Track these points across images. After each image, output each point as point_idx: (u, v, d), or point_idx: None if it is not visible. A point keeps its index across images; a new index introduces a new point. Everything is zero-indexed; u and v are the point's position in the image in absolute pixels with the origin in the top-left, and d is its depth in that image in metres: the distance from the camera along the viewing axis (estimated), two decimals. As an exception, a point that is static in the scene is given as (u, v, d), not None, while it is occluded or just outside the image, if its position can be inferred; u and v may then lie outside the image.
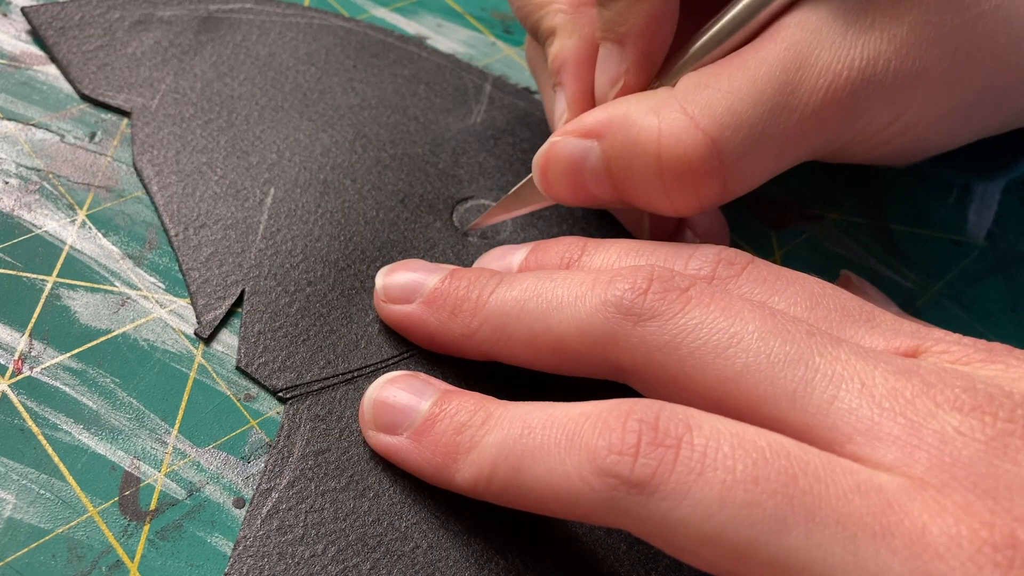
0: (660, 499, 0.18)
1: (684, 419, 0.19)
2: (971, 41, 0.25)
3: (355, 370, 0.26)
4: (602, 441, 0.19)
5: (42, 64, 0.33)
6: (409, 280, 0.26)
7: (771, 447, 0.19)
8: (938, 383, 0.19)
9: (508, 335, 0.24)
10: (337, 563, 0.22)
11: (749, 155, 0.24)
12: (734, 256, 0.24)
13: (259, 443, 0.25)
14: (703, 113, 0.24)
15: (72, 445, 0.24)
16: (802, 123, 0.24)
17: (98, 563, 0.22)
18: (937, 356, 0.21)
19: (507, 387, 0.25)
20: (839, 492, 0.18)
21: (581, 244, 0.26)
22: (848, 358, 0.20)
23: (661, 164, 0.24)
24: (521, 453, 0.21)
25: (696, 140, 0.24)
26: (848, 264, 0.33)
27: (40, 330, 0.26)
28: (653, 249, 0.25)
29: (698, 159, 0.24)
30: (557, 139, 0.27)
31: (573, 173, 0.26)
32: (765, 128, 0.24)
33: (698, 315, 0.21)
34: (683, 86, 0.25)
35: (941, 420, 0.19)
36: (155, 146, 0.31)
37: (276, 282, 0.28)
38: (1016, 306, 0.33)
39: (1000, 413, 0.18)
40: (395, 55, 0.36)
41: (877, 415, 0.19)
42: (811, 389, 0.20)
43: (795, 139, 0.25)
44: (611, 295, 0.22)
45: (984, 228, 0.35)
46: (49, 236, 0.28)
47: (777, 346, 0.20)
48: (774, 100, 0.24)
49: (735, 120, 0.24)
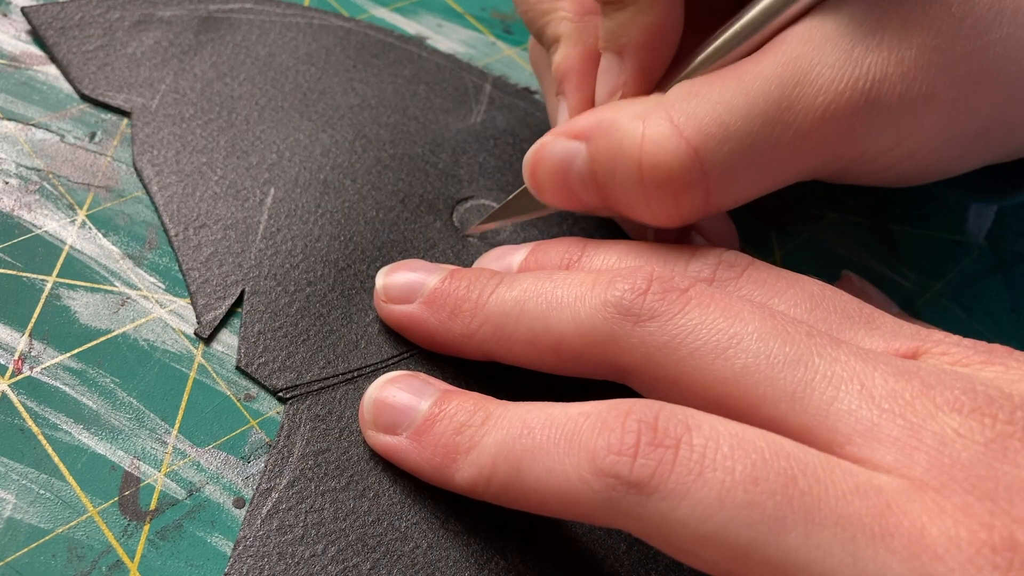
0: (659, 499, 0.18)
1: (683, 419, 0.19)
2: (980, 69, 0.24)
3: (355, 370, 0.26)
4: (601, 441, 0.19)
5: (42, 64, 0.33)
6: (409, 280, 0.26)
7: (770, 448, 0.19)
8: (937, 385, 0.19)
9: (508, 335, 0.24)
10: (337, 563, 0.22)
11: (736, 169, 0.23)
12: (734, 258, 0.24)
13: (259, 443, 0.25)
14: (688, 122, 0.23)
15: (72, 445, 0.24)
16: (796, 141, 0.23)
17: (98, 563, 0.22)
18: (937, 358, 0.21)
19: (507, 387, 0.25)
20: (838, 493, 0.18)
21: (581, 245, 0.26)
22: (848, 359, 0.20)
23: (642, 171, 0.24)
24: (520, 453, 0.21)
25: (678, 149, 0.23)
26: (848, 264, 0.33)
27: (40, 330, 0.26)
28: (653, 251, 0.25)
29: (679, 168, 0.23)
30: (548, 139, 0.26)
31: (561, 175, 0.26)
32: (755, 143, 0.23)
33: (698, 315, 0.21)
34: (673, 94, 0.24)
35: (940, 422, 0.19)
36: (155, 146, 0.31)
37: (276, 282, 0.28)
38: (1016, 306, 0.33)
39: (1000, 415, 0.18)
40: (395, 55, 0.36)
41: (876, 416, 0.19)
42: (810, 390, 0.20)
43: (788, 157, 0.24)
44: (611, 295, 0.22)
45: (984, 228, 0.35)
46: (49, 236, 0.28)
47: (777, 347, 0.20)
48: (767, 114, 0.23)
49: (722, 131, 0.23)
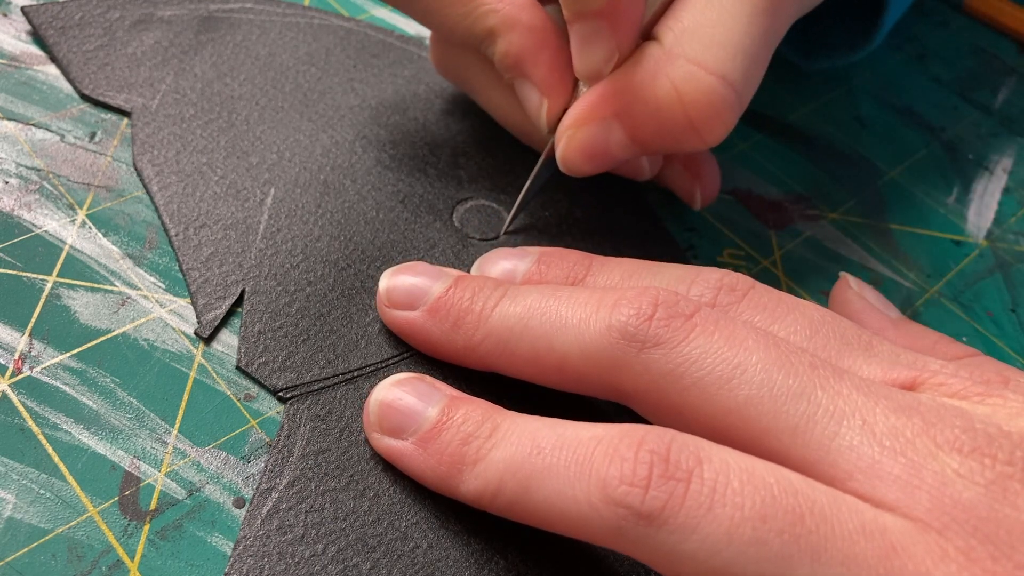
0: (669, 532, 0.19)
1: (695, 451, 0.19)
2: None
3: (355, 370, 0.26)
4: (613, 470, 0.19)
5: (42, 64, 0.33)
6: (413, 286, 0.26)
7: (779, 484, 0.19)
8: (938, 423, 0.19)
9: (511, 351, 0.24)
10: (337, 563, 0.22)
11: (751, 69, 0.27)
12: (735, 281, 0.24)
13: (259, 443, 0.25)
14: (707, 57, 0.26)
15: (72, 445, 0.24)
16: (778, 23, 0.27)
17: (98, 563, 0.22)
18: (935, 389, 0.21)
19: (511, 387, 0.25)
20: (845, 533, 0.18)
21: (587, 263, 0.26)
22: (850, 393, 0.20)
23: (689, 117, 0.26)
24: (530, 473, 0.21)
25: (712, 85, 0.26)
26: (848, 264, 0.33)
27: (40, 330, 0.26)
28: (656, 271, 0.25)
29: (720, 99, 0.26)
30: (571, 132, 0.28)
31: (599, 155, 0.28)
32: (754, 41, 0.26)
33: (702, 344, 0.21)
34: (671, 40, 0.26)
35: (941, 461, 0.19)
36: (155, 146, 0.31)
37: (276, 282, 0.28)
38: (1016, 306, 0.33)
39: (999, 455, 0.19)
40: (395, 55, 0.36)
41: (878, 453, 0.19)
42: (812, 424, 0.20)
43: (776, 31, 0.27)
44: (615, 320, 0.22)
45: (984, 228, 0.35)
46: (49, 236, 0.28)
47: (780, 379, 0.20)
48: (750, 16, 0.26)
49: (732, 51, 0.26)
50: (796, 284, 0.32)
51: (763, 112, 0.38)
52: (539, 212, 0.31)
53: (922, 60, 0.43)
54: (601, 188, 0.32)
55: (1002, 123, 0.40)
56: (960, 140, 0.39)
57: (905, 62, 0.43)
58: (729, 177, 0.35)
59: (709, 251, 0.32)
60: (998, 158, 0.38)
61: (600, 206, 0.32)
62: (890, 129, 0.39)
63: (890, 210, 0.35)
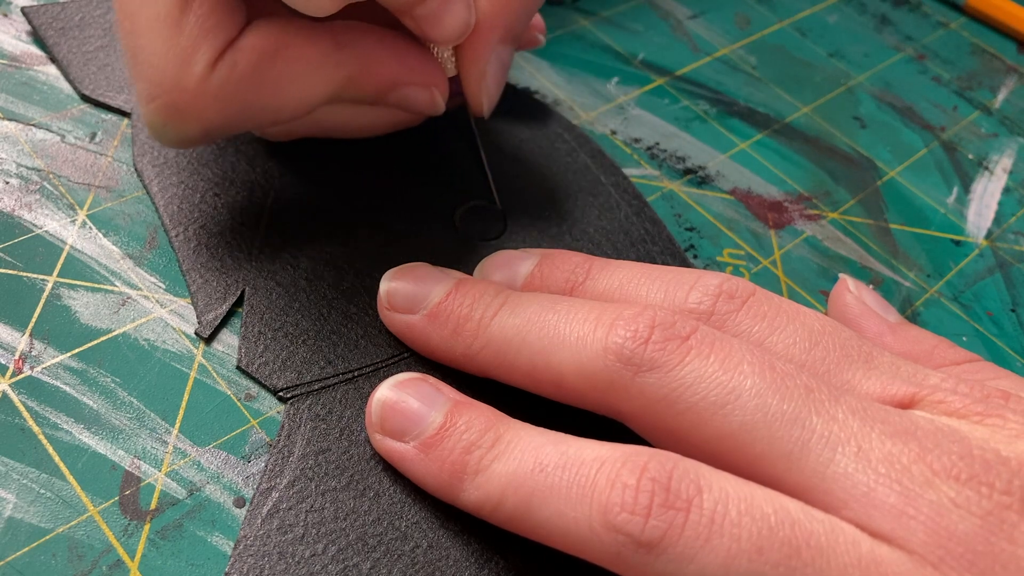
0: (667, 561, 0.19)
1: (695, 479, 0.19)
2: None
3: (355, 370, 0.26)
4: (615, 496, 0.20)
5: (42, 64, 0.33)
6: (414, 290, 0.26)
7: (777, 515, 0.19)
8: (935, 448, 0.19)
9: (509, 363, 0.24)
10: (337, 562, 0.22)
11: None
12: (735, 288, 0.24)
13: (259, 443, 0.25)
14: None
15: (72, 445, 0.24)
16: None
17: (98, 563, 0.22)
18: (933, 407, 0.21)
19: (513, 389, 0.25)
20: (840, 566, 0.18)
21: (587, 266, 0.26)
22: (846, 418, 0.20)
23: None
24: (531, 490, 0.21)
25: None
26: (848, 264, 0.33)
27: (40, 330, 0.26)
28: (657, 276, 0.25)
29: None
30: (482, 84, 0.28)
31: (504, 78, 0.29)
32: None
33: (697, 367, 0.21)
34: None
35: (937, 490, 0.19)
36: (155, 147, 0.31)
37: (276, 282, 0.28)
38: (1016, 306, 0.33)
39: (996, 483, 0.19)
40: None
41: (873, 481, 0.19)
42: (807, 451, 0.20)
43: None
44: (612, 342, 0.22)
45: (984, 228, 0.35)
46: (49, 236, 0.28)
47: (775, 404, 0.20)
48: None
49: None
50: (796, 284, 0.32)
51: (763, 112, 0.38)
52: (540, 212, 0.31)
53: (922, 60, 0.43)
54: (601, 188, 0.32)
55: (1002, 123, 0.40)
56: (960, 140, 0.39)
57: (905, 62, 0.43)
58: (729, 177, 0.35)
59: (709, 251, 0.32)
60: (998, 158, 0.38)
61: (601, 206, 0.32)
62: (890, 129, 0.39)
63: (890, 210, 0.35)
